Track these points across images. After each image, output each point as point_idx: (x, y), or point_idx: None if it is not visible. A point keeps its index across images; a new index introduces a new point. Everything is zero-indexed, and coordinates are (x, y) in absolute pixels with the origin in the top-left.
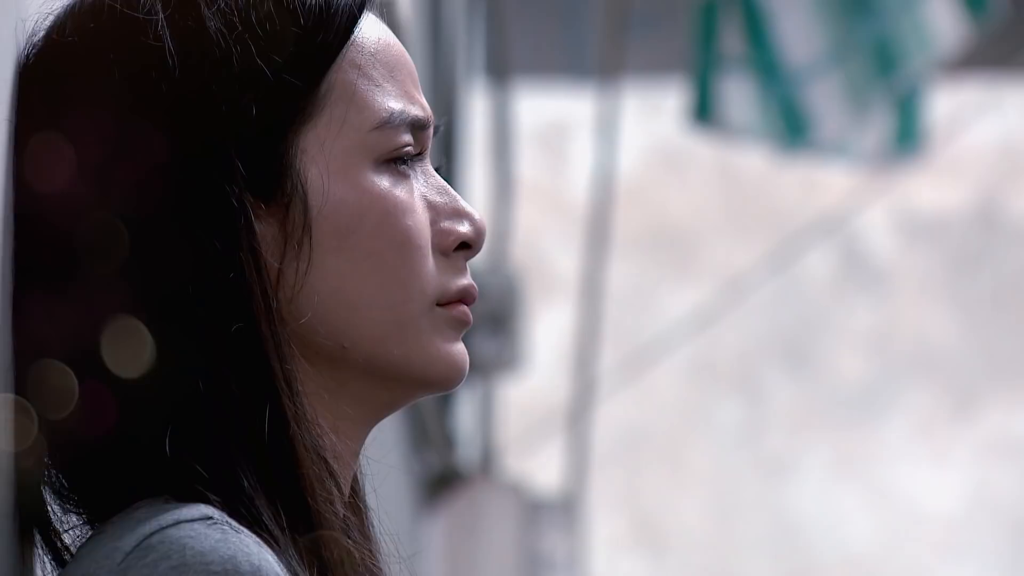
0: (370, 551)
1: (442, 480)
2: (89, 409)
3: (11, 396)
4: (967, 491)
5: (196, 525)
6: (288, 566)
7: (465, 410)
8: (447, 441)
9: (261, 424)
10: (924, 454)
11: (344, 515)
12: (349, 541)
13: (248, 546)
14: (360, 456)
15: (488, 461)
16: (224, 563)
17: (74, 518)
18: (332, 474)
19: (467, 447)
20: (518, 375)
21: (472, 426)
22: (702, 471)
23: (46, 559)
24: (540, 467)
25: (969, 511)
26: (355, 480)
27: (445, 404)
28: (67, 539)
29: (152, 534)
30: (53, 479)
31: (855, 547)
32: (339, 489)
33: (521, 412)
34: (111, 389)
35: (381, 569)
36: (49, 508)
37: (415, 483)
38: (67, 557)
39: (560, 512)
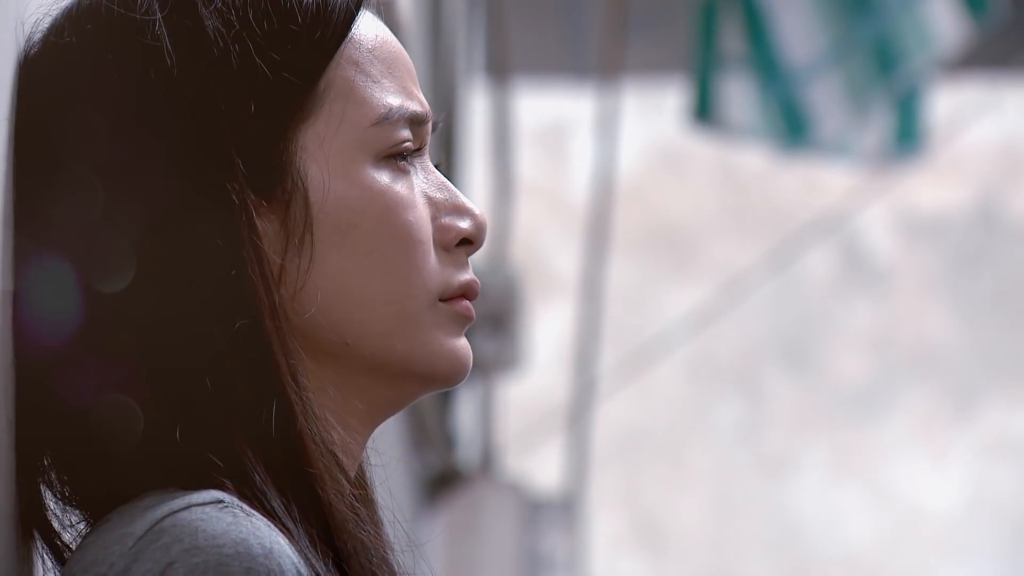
0: (382, 541)
1: (442, 480)
2: (92, 407)
3: (11, 395)
4: (967, 491)
5: (208, 509)
6: (302, 556)
7: (465, 410)
8: (447, 441)
9: (269, 419)
10: (924, 454)
11: (355, 506)
12: (362, 532)
13: (260, 529)
14: (366, 450)
15: (488, 461)
16: (236, 545)
17: (74, 518)
18: (341, 467)
19: (467, 447)
20: (518, 375)
21: (472, 426)
22: (702, 471)
23: (46, 557)
24: (540, 467)
25: (969, 511)
26: (362, 472)
27: (445, 403)
28: (67, 538)
29: (164, 518)
30: (53, 478)
31: (855, 547)
32: (348, 481)
33: (521, 412)
34: (115, 387)
35: (393, 558)
36: (49, 508)
37: (415, 483)
38: (67, 555)
39: (560, 512)
